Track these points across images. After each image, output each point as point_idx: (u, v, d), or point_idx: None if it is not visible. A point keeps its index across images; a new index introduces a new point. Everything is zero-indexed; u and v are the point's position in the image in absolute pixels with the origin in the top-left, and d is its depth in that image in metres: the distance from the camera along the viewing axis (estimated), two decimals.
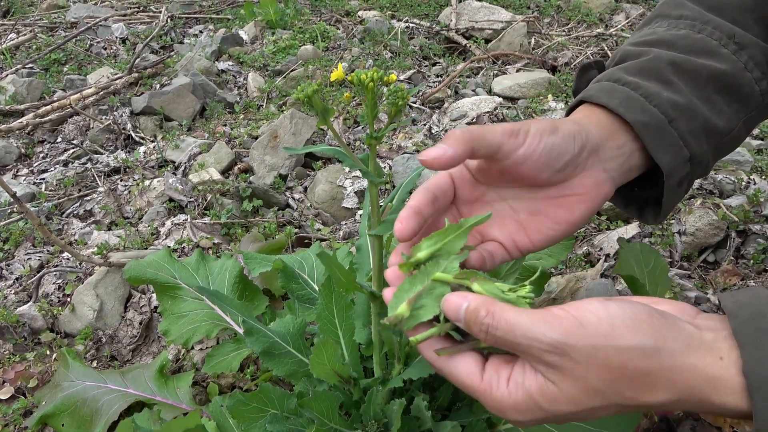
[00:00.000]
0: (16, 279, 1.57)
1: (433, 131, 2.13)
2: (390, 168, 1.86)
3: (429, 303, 0.58)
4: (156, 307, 1.42)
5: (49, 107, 2.35)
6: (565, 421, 0.54)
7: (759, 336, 0.47)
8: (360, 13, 3.33)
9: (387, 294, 0.61)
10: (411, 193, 0.67)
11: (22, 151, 2.20)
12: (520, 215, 0.68)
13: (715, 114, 0.72)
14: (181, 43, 3.09)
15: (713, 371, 0.48)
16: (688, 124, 0.70)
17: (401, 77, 2.57)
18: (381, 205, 0.75)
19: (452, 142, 0.60)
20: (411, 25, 3.10)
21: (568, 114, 0.76)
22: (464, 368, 0.56)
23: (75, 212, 1.85)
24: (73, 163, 2.10)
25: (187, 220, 1.70)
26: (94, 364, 1.33)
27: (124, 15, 3.46)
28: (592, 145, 0.66)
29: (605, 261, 1.43)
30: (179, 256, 1.57)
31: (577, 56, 2.73)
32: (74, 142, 2.22)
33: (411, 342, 0.58)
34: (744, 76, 0.74)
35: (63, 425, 1.10)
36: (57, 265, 1.58)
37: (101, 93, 2.42)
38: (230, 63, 2.76)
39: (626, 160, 0.69)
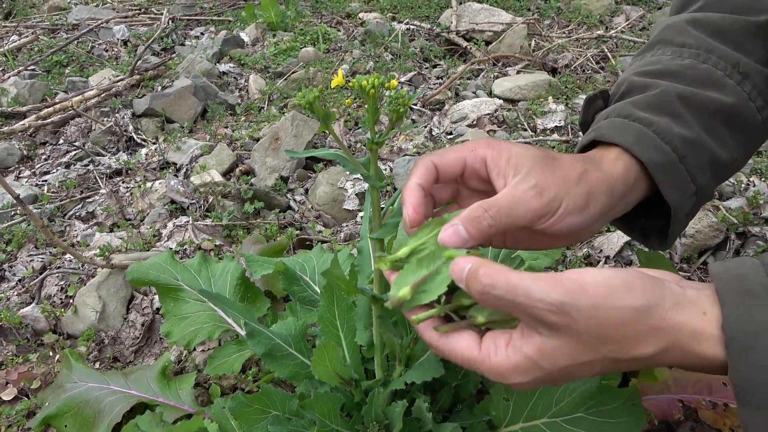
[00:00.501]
0: (19, 281, 1.58)
1: (433, 133, 2.14)
2: (391, 170, 1.87)
3: (432, 287, 0.59)
4: (158, 309, 1.43)
5: (51, 109, 2.36)
6: (562, 378, 0.56)
7: (739, 294, 0.50)
8: (361, 15, 3.34)
9: (390, 277, 0.63)
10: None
11: (24, 152, 2.21)
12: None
13: (719, 146, 0.73)
14: (183, 45, 3.10)
15: (696, 325, 0.51)
16: (696, 159, 0.71)
17: (402, 79, 2.58)
18: (382, 207, 0.75)
19: (474, 234, 0.59)
20: (412, 27, 3.10)
21: (581, 151, 0.76)
22: (462, 342, 0.58)
23: (77, 214, 1.85)
24: (75, 164, 2.11)
25: (188, 221, 1.70)
26: (97, 365, 1.34)
27: (126, 17, 3.47)
28: (616, 200, 0.67)
29: (605, 263, 1.44)
30: (181, 258, 1.58)
31: (578, 58, 2.74)
32: (76, 143, 2.23)
33: (412, 321, 0.60)
34: (748, 107, 0.75)
35: (66, 426, 1.11)
36: (59, 267, 1.59)
37: (103, 95, 2.42)
38: (231, 65, 2.76)
39: (632, 199, 0.70)
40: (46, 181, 2.03)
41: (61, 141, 2.27)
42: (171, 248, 1.61)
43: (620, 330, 0.52)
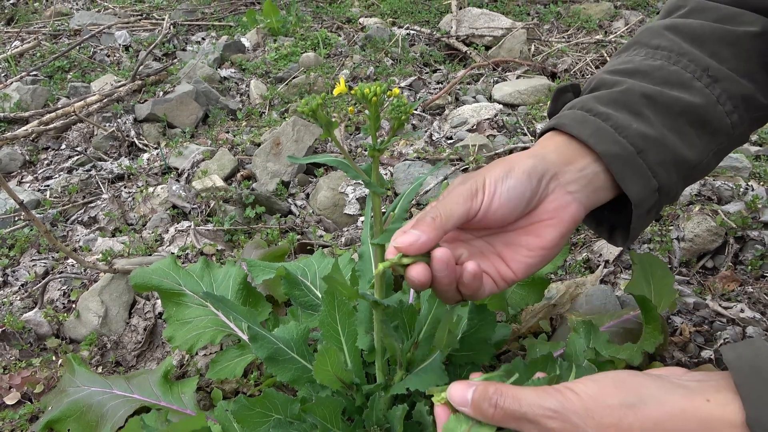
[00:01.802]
0: (22, 285, 1.59)
1: (433, 138, 2.15)
2: (391, 174, 1.88)
3: None
4: (160, 313, 1.44)
5: (53, 114, 2.37)
6: None
7: (760, 388, 0.49)
8: (361, 20, 3.35)
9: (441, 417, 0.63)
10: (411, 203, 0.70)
11: (27, 158, 2.22)
12: (497, 248, 0.72)
13: (686, 146, 0.74)
14: (184, 50, 3.12)
15: (703, 413, 0.50)
16: (658, 156, 0.71)
17: (402, 84, 2.59)
18: (384, 212, 0.76)
19: (424, 228, 0.64)
20: (412, 32, 3.12)
21: (538, 137, 0.79)
22: None
23: (79, 219, 1.86)
24: (77, 170, 2.12)
25: (190, 226, 1.71)
26: (100, 369, 1.34)
27: (127, 22, 3.49)
28: (551, 173, 0.69)
29: (605, 267, 1.45)
30: (183, 263, 1.59)
31: (577, 62, 2.75)
32: (78, 149, 2.24)
33: None
34: (716, 110, 0.75)
35: (69, 430, 1.11)
36: (62, 272, 1.60)
37: (105, 100, 2.44)
38: (232, 70, 2.78)
39: (590, 182, 0.71)
40: (48, 186, 2.04)
41: (64, 146, 2.28)
42: (173, 253, 1.62)
43: (622, 429, 0.51)
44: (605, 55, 2.81)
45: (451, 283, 0.67)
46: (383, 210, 0.75)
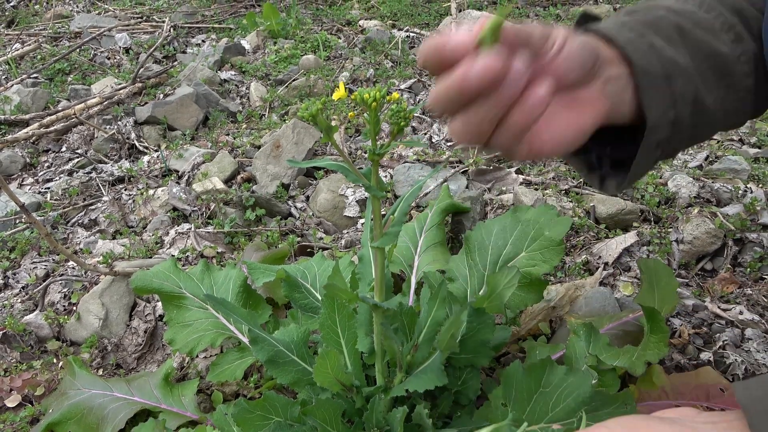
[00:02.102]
0: (23, 288, 1.59)
1: (433, 140, 2.15)
2: (391, 177, 1.88)
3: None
4: (160, 316, 1.44)
5: (53, 117, 2.38)
6: None
7: None
8: (361, 22, 3.36)
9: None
10: (411, 206, 0.69)
11: (27, 160, 2.22)
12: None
13: (706, 89, 0.72)
14: (184, 52, 3.12)
15: None
16: (683, 87, 0.69)
17: (402, 86, 2.60)
18: (384, 215, 0.77)
19: (507, 25, 0.56)
20: (411, 34, 3.13)
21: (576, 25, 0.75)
22: None
23: (80, 221, 1.87)
24: (77, 172, 2.13)
25: (190, 229, 1.72)
26: (100, 372, 1.35)
27: (128, 25, 3.49)
28: (602, 58, 0.65)
29: (604, 269, 1.45)
30: (183, 265, 1.59)
31: None
32: (79, 151, 2.25)
33: None
34: (736, 67, 0.74)
35: None
36: (63, 274, 1.60)
37: (105, 103, 2.44)
38: (233, 72, 2.78)
39: (621, 90, 0.67)
40: (48, 188, 2.04)
41: (64, 149, 2.29)
42: (173, 255, 1.62)
43: None
44: None
45: (513, 95, 0.59)
46: (383, 213, 0.76)
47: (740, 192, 1.64)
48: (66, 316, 1.45)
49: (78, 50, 3.03)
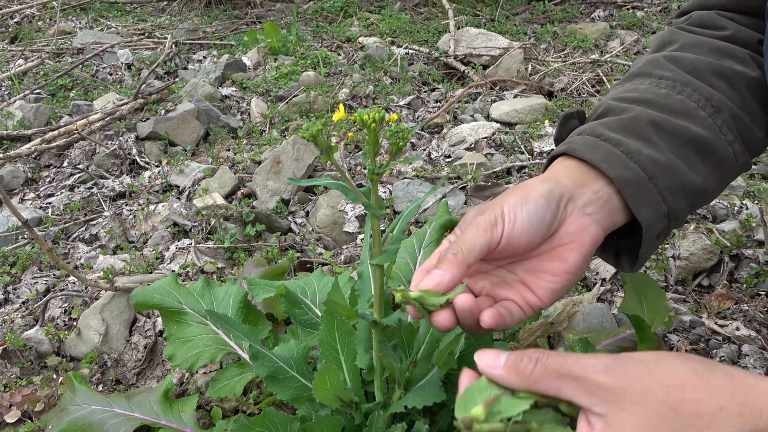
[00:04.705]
0: (23, 303, 1.59)
1: (432, 156, 2.17)
2: (390, 193, 1.90)
3: (507, 407, 0.53)
4: (161, 331, 1.45)
5: (55, 132, 2.40)
6: None
7: None
8: (360, 39, 3.40)
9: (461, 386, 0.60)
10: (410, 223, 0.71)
11: (29, 175, 2.24)
12: (520, 275, 0.71)
13: (693, 172, 0.75)
14: (185, 69, 3.15)
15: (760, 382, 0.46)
16: (667, 182, 0.73)
17: (401, 102, 2.62)
18: (383, 232, 0.78)
19: (447, 267, 0.65)
20: (410, 51, 3.16)
21: (548, 164, 0.79)
22: None
23: (81, 236, 1.88)
24: (79, 187, 2.14)
25: (191, 244, 1.73)
26: (100, 387, 1.35)
27: (130, 41, 3.53)
28: (567, 195, 0.69)
29: (601, 285, 1.46)
30: (183, 281, 1.60)
31: (573, 82, 2.79)
32: (80, 166, 2.27)
33: None
34: (719, 139, 0.77)
35: None
36: (63, 289, 1.61)
37: (107, 118, 2.46)
38: (233, 89, 2.81)
39: (606, 203, 0.71)
40: (50, 203, 2.06)
41: (66, 164, 2.30)
42: (174, 271, 1.63)
43: (686, 396, 0.46)
44: (601, 74, 2.84)
45: (474, 323, 0.66)
46: (382, 230, 0.77)
47: (736, 208, 1.65)
48: (66, 332, 1.46)
49: (80, 66, 3.07)
